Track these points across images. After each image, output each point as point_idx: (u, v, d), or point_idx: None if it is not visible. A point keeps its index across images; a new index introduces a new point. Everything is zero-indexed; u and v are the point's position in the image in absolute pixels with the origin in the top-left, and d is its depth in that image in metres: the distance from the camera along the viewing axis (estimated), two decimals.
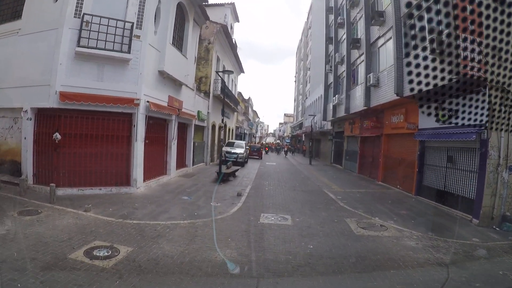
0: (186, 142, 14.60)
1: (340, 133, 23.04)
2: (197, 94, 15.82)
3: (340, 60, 20.37)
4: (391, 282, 4.48)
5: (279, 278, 4.39)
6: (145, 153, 10.13)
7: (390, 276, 4.66)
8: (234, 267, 4.68)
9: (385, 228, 7.36)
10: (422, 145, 11.94)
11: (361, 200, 10.35)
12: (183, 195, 9.40)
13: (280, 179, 14.14)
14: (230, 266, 4.75)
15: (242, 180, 13.02)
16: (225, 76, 22.76)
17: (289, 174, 16.75)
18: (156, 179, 10.99)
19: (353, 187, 13.30)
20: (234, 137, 30.80)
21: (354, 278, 4.64)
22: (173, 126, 12.05)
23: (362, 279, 4.62)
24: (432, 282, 4.64)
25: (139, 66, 9.52)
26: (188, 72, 12.86)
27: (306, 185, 12.81)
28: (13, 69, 9.30)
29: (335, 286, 4.47)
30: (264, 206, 8.47)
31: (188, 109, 13.79)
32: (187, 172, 14.19)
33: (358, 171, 18.48)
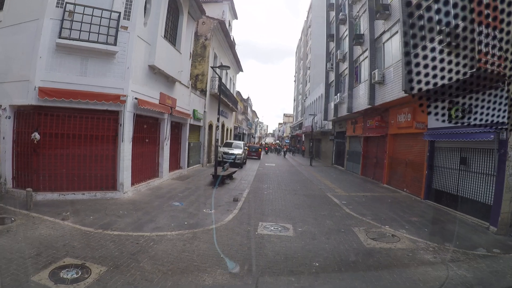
0: (181, 142, 13.81)
1: (342, 133, 22.27)
2: (193, 92, 15.04)
3: (342, 57, 19.62)
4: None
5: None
6: (134, 155, 9.35)
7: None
8: (234, 266, 4.50)
9: (397, 238, 6.59)
10: (432, 146, 11.18)
11: (367, 205, 9.58)
12: (174, 200, 8.61)
13: (280, 182, 13.36)
14: (230, 265, 4.56)
15: (239, 183, 12.23)
16: (223, 74, 22.01)
17: (289, 176, 15.97)
18: (147, 182, 10.20)
19: (358, 190, 12.53)
20: (233, 137, 30.01)
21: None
22: (165, 126, 11.26)
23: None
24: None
25: (126, 59, 8.74)
26: (182, 68, 12.08)
27: (307, 188, 12.03)
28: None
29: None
30: (263, 213, 7.68)
31: (183, 107, 13.01)
32: (181, 174, 13.39)
33: (361, 173, 17.71)
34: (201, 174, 14.04)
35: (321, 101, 28.67)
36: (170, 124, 11.77)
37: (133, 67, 8.90)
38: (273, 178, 14.54)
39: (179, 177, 12.64)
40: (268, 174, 16.11)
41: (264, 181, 13.30)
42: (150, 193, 9.43)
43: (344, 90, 19.73)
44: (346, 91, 18.50)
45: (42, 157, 8.26)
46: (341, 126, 22.18)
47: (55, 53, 8.18)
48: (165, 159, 11.49)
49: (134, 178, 9.41)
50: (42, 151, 8.24)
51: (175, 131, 13.04)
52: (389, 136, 14.21)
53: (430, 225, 8.03)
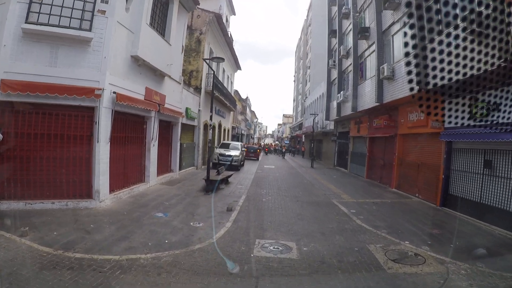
0: (172, 143, 12.65)
1: (345, 133, 21.14)
2: (186, 89, 13.89)
3: (345, 53, 18.50)
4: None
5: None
6: (113, 157, 8.20)
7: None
8: (234, 266, 4.38)
9: (422, 259, 5.47)
10: (449, 147, 10.07)
11: (379, 214, 8.44)
12: (158, 210, 7.45)
13: (280, 187, 12.19)
14: (230, 265, 4.41)
15: (235, 188, 11.07)
16: (219, 72, 20.87)
17: (290, 180, 14.82)
18: (130, 188, 9.04)
19: (366, 196, 11.38)
20: (230, 137, 28.85)
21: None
22: (152, 125, 10.11)
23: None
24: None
25: (104, 48, 7.59)
26: (173, 61, 10.92)
27: (311, 194, 10.87)
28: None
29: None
30: (261, 227, 6.52)
31: (173, 105, 11.86)
32: (171, 178, 12.23)
33: (366, 176, 16.57)
34: (194, 178, 12.87)
35: (322, 100, 27.56)
36: (158, 123, 10.62)
37: (111, 57, 7.76)
38: (272, 182, 13.38)
39: (169, 182, 11.47)
40: (267, 178, 14.96)
41: (263, 186, 12.14)
42: (132, 201, 8.27)
43: (347, 88, 18.63)
44: (350, 89, 17.39)
45: (6, 160, 7.11)
46: (344, 126, 21.06)
47: (22, 41, 7.08)
48: (152, 162, 10.33)
49: (113, 184, 8.25)
50: (6, 153, 7.09)
51: (165, 131, 11.88)
52: (398, 136, 13.08)
53: (455, 239, 6.89)
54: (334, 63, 21.45)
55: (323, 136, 27.20)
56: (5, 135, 6.96)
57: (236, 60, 25.83)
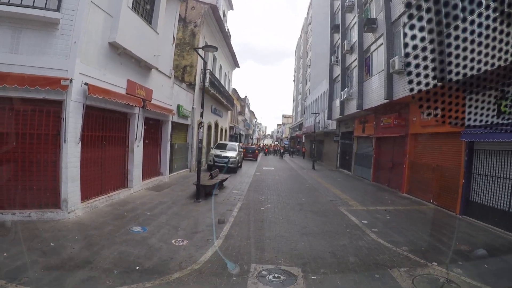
0: (161, 143, 11.50)
1: (348, 133, 20.01)
2: (178, 85, 12.75)
3: (349, 48, 17.38)
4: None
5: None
6: (86, 160, 7.06)
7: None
8: (234, 266, 4.34)
9: (456, 287, 4.36)
10: (470, 148, 8.96)
11: (395, 225, 7.30)
12: (136, 223, 6.30)
13: (281, 192, 11.03)
14: (230, 266, 4.36)
15: (230, 194, 9.93)
16: (216, 68, 19.74)
17: (291, 184, 13.66)
18: (108, 195, 7.88)
19: (375, 202, 10.24)
20: (228, 138, 27.70)
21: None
22: (136, 122, 8.95)
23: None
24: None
25: (74, 32, 6.45)
26: (161, 52, 9.78)
27: (315, 201, 9.72)
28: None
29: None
30: (258, 246, 5.36)
31: (162, 101, 10.71)
32: (160, 182, 11.07)
33: (372, 179, 15.44)
34: (186, 181, 11.72)
35: (323, 99, 26.45)
36: (144, 121, 9.47)
37: (83, 43, 6.62)
38: (272, 186, 12.22)
39: (156, 186, 10.32)
40: (266, 181, 13.80)
41: (261, 191, 10.98)
42: (109, 210, 7.11)
43: (351, 85, 17.51)
44: (355, 86, 16.26)
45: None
46: (348, 125, 19.93)
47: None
48: (137, 165, 9.18)
49: (87, 191, 7.10)
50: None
51: (152, 130, 10.74)
52: (410, 136, 11.96)
53: (488, 258, 5.77)
54: (337, 59, 20.33)
55: (325, 136, 26.07)
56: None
57: (234, 57, 24.69)
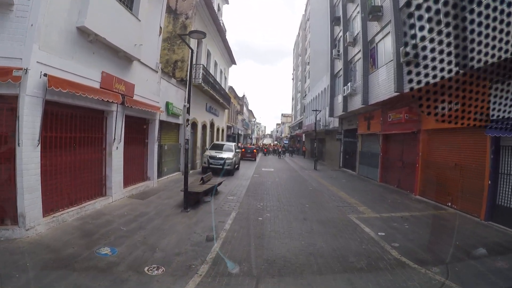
0: (147, 145, 10.36)
1: (352, 131, 18.89)
2: (166, 80, 11.62)
3: (352, 40, 16.26)
4: None
5: None
6: (51, 166, 5.96)
7: None
8: (234, 266, 4.21)
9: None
10: (497, 145, 7.85)
11: (417, 238, 6.18)
12: (106, 242, 5.16)
13: (281, 197, 9.89)
14: (230, 266, 4.23)
15: (225, 201, 8.79)
16: (211, 64, 18.62)
17: (293, 186, 12.52)
18: (80, 206, 6.74)
19: (388, 207, 9.11)
20: (225, 138, 26.56)
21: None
22: (114, 121, 7.82)
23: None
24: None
25: (31, 13, 5.33)
26: (142, 41, 8.64)
27: (320, 207, 8.57)
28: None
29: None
30: (254, 274, 4.21)
31: (147, 97, 9.58)
32: (146, 188, 9.93)
33: (380, 179, 14.31)
34: (176, 186, 10.57)
35: (324, 96, 25.33)
36: (124, 119, 8.34)
37: (42, 26, 5.50)
38: (271, 191, 11.07)
39: (141, 194, 9.18)
40: (265, 184, 12.65)
41: (260, 196, 9.83)
42: (78, 225, 5.97)
43: (355, 79, 16.38)
44: (359, 80, 15.15)
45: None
46: (351, 123, 18.81)
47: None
48: (116, 170, 8.04)
49: (51, 203, 5.97)
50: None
51: (136, 130, 9.61)
52: (422, 132, 10.84)
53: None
54: (338, 53, 19.20)
55: (326, 134, 24.94)
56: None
57: (230, 53, 23.57)
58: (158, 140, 10.47)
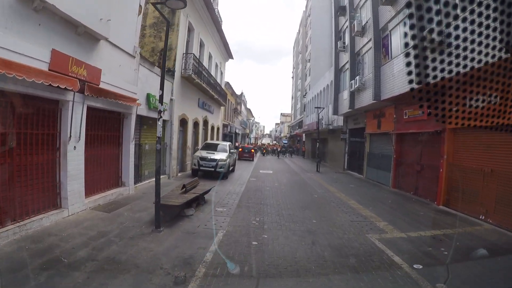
0: (122, 144, 8.71)
1: (358, 130, 17.28)
2: (148, 68, 9.96)
3: (360, 29, 14.64)
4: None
5: None
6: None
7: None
8: (234, 267, 4.12)
9: None
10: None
11: (466, 272, 4.54)
12: (32, 285, 3.52)
13: (282, 208, 8.23)
14: (230, 266, 4.12)
15: (212, 214, 7.14)
16: (204, 56, 16.97)
17: (295, 194, 10.86)
18: (21, 224, 5.08)
19: (412, 222, 7.46)
20: (221, 137, 24.89)
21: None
22: (70, 114, 6.16)
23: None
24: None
25: None
26: (110, 15, 6.97)
27: (331, 224, 6.88)
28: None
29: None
30: None
31: (120, 86, 7.92)
32: (119, 196, 8.27)
33: (393, 185, 12.69)
34: None
35: (327, 92, 23.72)
36: (87, 112, 6.69)
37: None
38: (269, 199, 9.42)
39: (110, 204, 7.51)
40: (262, 190, 10.99)
41: (256, 207, 8.15)
42: (9, 252, 4.33)
43: (363, 72, 14.76)
44: (369, 72, 13.54)
45: None
46: (357, 121, 17.19)
47: None
48: (74, 175, 6.39)
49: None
50: None
51: (106, 126, 7.96)
52: (448, 131, 9.22)
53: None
54: (344, 45, 17.57)
55: (329, 134, 23.31)
56: None
57: (226, 46, 21.90)
58: (135, 139, 8.82)
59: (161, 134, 5.65)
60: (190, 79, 13.26)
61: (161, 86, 5.81)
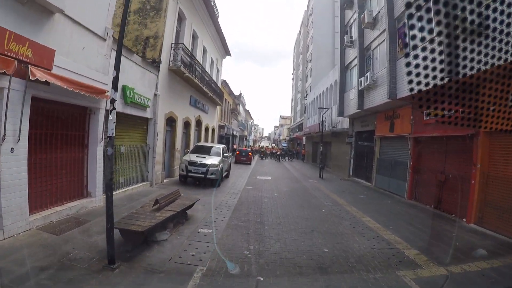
0: (88, 145, 7.13)
1: (366, 133, 15.75)
2: (125, 56, 8.39)
3: (371, 20, 13.13)
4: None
5: None
6: None
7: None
8: (234, 267, 4.12)
9: None
10: None
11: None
12: None
13: (283, 228, 6.60)
14: (230, 266, 4.14)
15: (192, 238, 5.53)
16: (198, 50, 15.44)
17: (298, 208, 9.21)
18: None
19: (448, 248, 5.88)
20: (216, 139, 23.30)
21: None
22: (4, 105, 4.60)
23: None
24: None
25: None
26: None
27: (347, 253, 5.27)
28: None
29: None
30: None
31: (83, 74, 6.37)
32: (81, 210, 6.67)
33: (408, 195, 11.13)
34: (131, 206, 7.34)
35: (330, 93, 22.23)
36: (33, 104, 5.12)
37: None
38: (267, 216, 7.77)
39: (66, 221, 5.90)
40: (259, 203, 9.36)
41: (250, 228, 6.49)
42: None
43: (375, 68, 13.25)
44: (384, 67, 12.03)
45: None
46: (365, 123, 15.67)
47: None
48: (11, 186, 4.75)
49: None
50: None
51: (65, 122, 6.38)
52: (483, 135, 7.69)
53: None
54: (351, 39, 16.09)
55: (333, 137, 21.76)
56: None
57: (223, 40, 20.37)
58: (104, 139, 7.23)
59: (113, 133, 4.06)
60: (179, 72, 11.71)
61: (116, 65, 4.25)
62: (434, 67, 1.57)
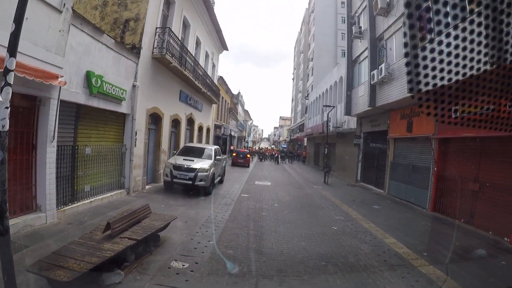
0: (36, 146, 5.57)
1: (377, 134, 14.19)
2: (90, 35, 6.80)
3: (384, 5, 11.57)
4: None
5: None
6: None
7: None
8: (234, 267, 4.11)
9: None
10: None
11: None
12: None
13: (286, 259, 4.96)
14: (230, 266, 4.13)
15: (157, 279, 3.98)
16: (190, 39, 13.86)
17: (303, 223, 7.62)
18: None
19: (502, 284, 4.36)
20: (212, 139, 21.70)
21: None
22: None
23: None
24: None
25: None
26: None
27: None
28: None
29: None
30: None
31: (28, 54, 4.78)
32: (22, 230, 5.07)
33: (432, 207, 9.54)
34: (92, 224, 5.75)
35: (335, 91, 20.70)
36: None
37: None
38: (266, 237, 6.15)
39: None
40: (256, 218, 7.70)
41: (242, 259, 4.89)
42: None
43: (388, 59, 11.69)
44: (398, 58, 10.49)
45: None
46: (376, 122, 14.11)
47: None
48: None
49: None
50: None
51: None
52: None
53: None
54: (360, 29, 14.55)
55: (338, 138, 20.16)
56: None
57: (219, 33, 18.82)
58: (55, 137, 5.65)
59: (4, 125, 2.47)
60: (165, 61, 10.14)
61: (17, 17, 2.64)
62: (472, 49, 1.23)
